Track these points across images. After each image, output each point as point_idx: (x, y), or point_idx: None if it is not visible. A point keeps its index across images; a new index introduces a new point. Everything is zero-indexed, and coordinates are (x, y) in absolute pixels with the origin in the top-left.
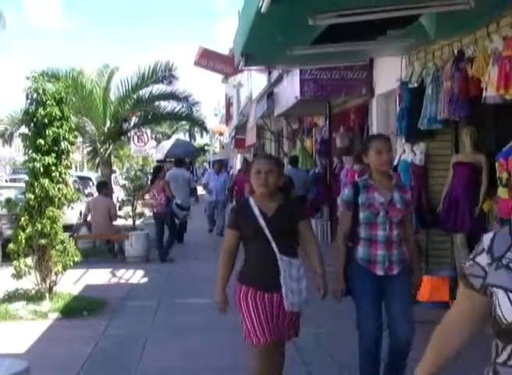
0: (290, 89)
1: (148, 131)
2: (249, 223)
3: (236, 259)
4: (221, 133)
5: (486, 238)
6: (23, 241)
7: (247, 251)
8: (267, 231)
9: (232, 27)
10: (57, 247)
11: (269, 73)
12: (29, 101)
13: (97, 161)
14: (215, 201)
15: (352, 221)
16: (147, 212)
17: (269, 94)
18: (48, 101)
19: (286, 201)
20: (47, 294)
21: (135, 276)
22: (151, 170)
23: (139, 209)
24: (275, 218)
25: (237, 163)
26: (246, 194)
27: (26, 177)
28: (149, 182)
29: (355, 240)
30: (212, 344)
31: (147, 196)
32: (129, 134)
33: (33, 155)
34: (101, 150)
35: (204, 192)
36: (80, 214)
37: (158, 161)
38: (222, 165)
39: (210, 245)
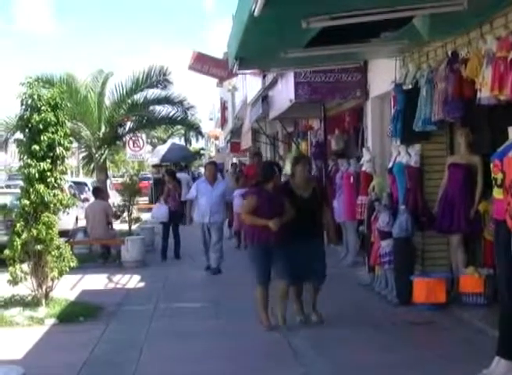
0: (285, 92)
1: (143, 136)
2: None
3: None
4: (216, 137)
5: None
6: (19, 246)
7: None
8: None
9: (225, 30)
10: (53, 252)
11: (264, 77)
12: (24, 106)
13: (92, 166)
14: (210, 224)
15: None
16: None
17: (264, 98)
18: (42, 107)
19: None
20: (43, 300)
21: (131, 281)
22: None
23: (135, 214)
24: None
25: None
26: None
27: (22, 183)
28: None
29: None
30: (209, 349)
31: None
32: (124, 139)
33: (29, 160)
34: (97, 155)
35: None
36: (76, 219)
37: (153, 166)
38: (216, 169)
39: None
